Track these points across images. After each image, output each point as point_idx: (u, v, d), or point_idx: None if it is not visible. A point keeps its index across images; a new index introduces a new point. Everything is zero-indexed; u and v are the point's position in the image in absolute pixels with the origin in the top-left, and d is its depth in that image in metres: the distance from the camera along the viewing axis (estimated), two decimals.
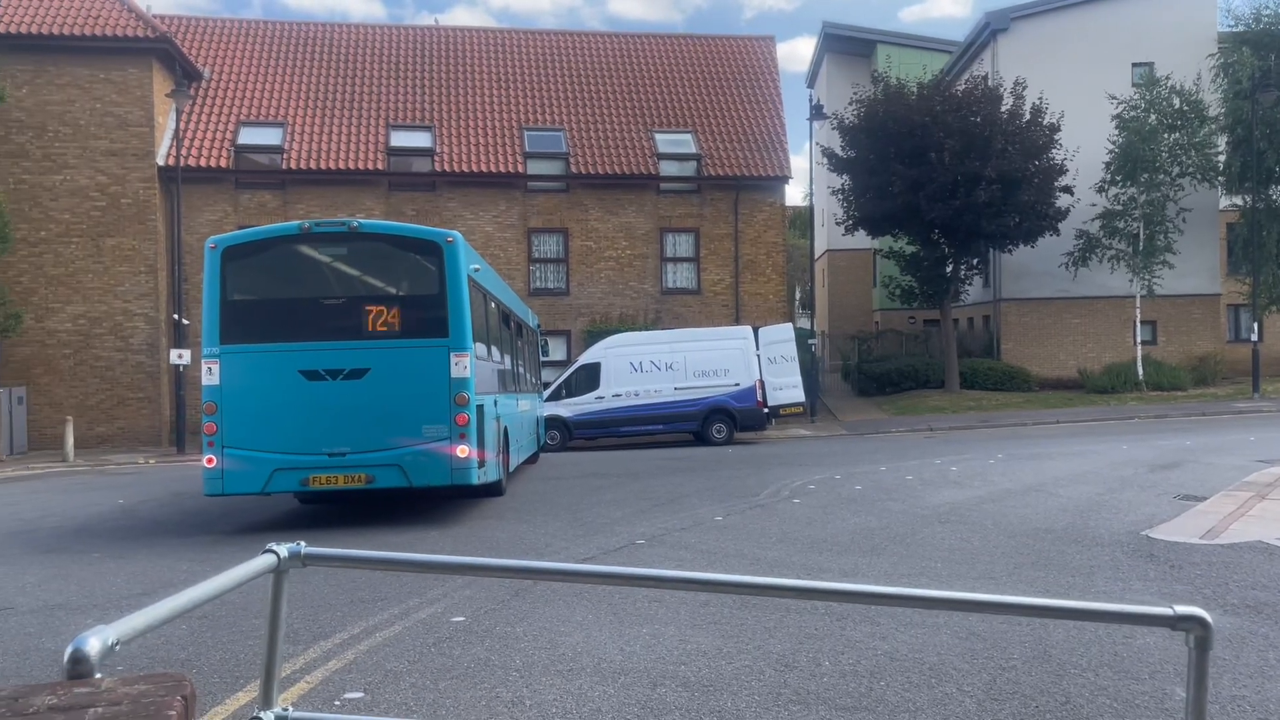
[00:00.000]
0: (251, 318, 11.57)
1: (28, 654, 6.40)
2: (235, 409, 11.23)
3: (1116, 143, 30.39)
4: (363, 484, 11.31)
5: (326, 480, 11.29)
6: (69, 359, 26.33)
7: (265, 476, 11.21)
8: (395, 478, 11.28)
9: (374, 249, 12.13)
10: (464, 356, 11.39)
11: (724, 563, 8.76)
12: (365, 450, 11.21)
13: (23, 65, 25.95)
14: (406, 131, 30.45)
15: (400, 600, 7.32)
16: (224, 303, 11.47)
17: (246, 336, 11.39)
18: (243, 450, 11.19)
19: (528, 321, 19.74)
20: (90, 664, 1.94)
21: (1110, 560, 8.43)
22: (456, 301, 11.50)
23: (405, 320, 11.71)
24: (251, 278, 11.86)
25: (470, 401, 11.35)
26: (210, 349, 11.37)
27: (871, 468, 16.42)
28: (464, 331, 11.46)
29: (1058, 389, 32.17)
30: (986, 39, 34.23)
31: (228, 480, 11.23)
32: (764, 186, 31.23)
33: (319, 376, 11.26)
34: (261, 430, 11.19)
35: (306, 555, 2.65)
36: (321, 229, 11.86)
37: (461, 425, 11.26)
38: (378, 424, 11.18)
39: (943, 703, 4.93)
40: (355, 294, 11.99)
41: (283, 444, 11.20)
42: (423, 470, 11.27)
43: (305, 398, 11.23)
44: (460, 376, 11.33)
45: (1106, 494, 12.38)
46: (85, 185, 26.51)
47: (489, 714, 4.91)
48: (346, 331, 11.53)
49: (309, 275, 12.08)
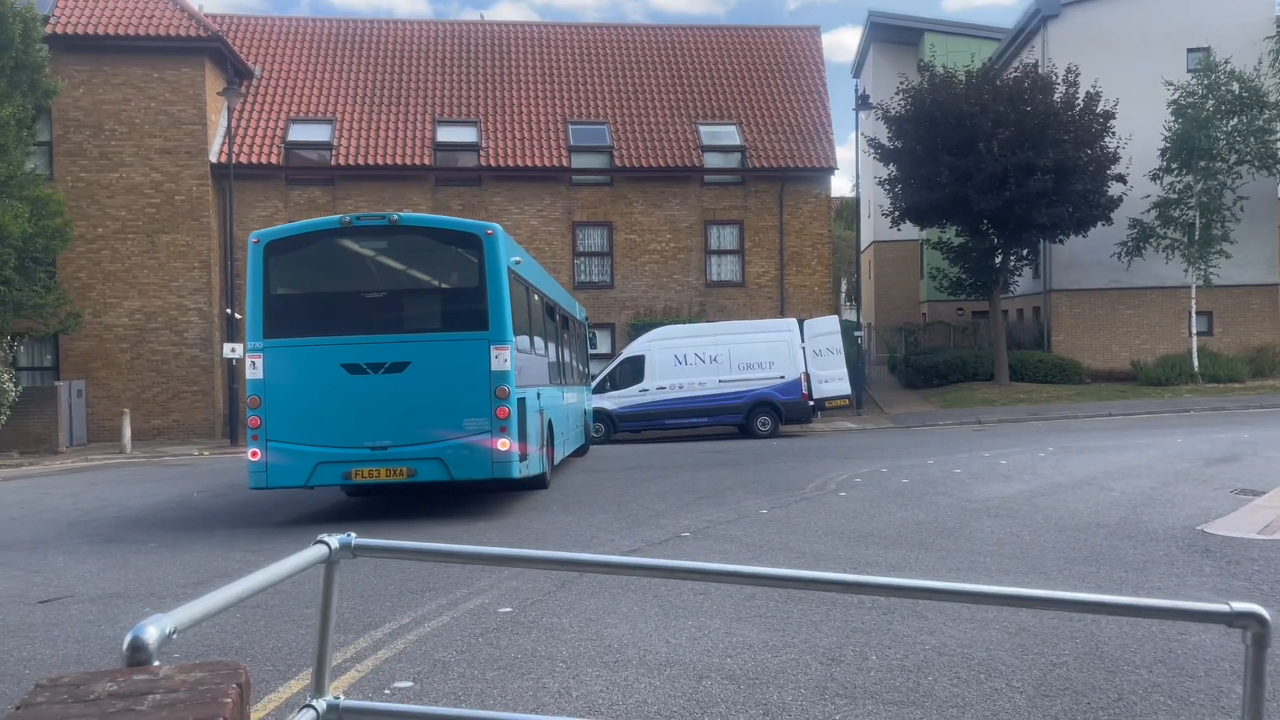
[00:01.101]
0: (294, 311, 11.59)
1: (87, 640, 6.56)
2: (279, 403, 11.26)
3: (1172, 130, 29.74)
4: (404, 477, 11.32)
5: (369, 474, 11.30)
6: (126, 353, 26.90)
7: (309, 470, 11.24)
8: (436, 471, 11.28)
9: (414, 242, 12.12)
10: (504, 349, 11.34)
11: (769, 556, 8.74)
12: (407, 444, 11.21)
13: (80, 65, 26.51)
14: (453, 127, 30.66)
15: (448, 591, 7.39)
16: (267, 297, 11.52)
17: (289, 330, 11.41)
18: (286, 444, 11.23)
19: (574, 314, 19.65)
20: (149, 652, 1.99)
21: (1165, 555, 8.27)
22: (496, 294, 11.46)
23: (445, 313, 11.77)
24: (294, 272, 11.89)
25: (511, 395, 11.29)
26: (254, 343, 11.42)
27: (919, 461, 16.26)
28: (504, 324, 11.42)
29: (1110, 381, 31.60)
30: (1036, 26, 33.64)
31: (272, 474, 11.30)
32: (809, 178, 31.00)
33: (360, 370, 11.25)
34: (304, 424, 11.23)
35: (357, 546, 2.68)
36: (362, 222, 11.88)
37: (502, 418, 11.21)
38: (419, 417, 11.17)
39: (992, 698, 4.88)
40: (396, 287, 12.04)
41: (325, 437, 11.22)
42: (464, 463, 11.25)
43: (347, 391, 11.24)
44: (500, 370, 11.27)
45: (1161, 488, 12.15)
46: (140, 183, 27.04)
47: (536, 704, 4.94)
48: (388, 325, 11.54)
49: (350, 269, 12.10)
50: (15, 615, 7.34)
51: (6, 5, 22.00)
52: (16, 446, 23.44)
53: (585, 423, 20.05)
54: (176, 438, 26.54)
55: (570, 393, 17.52)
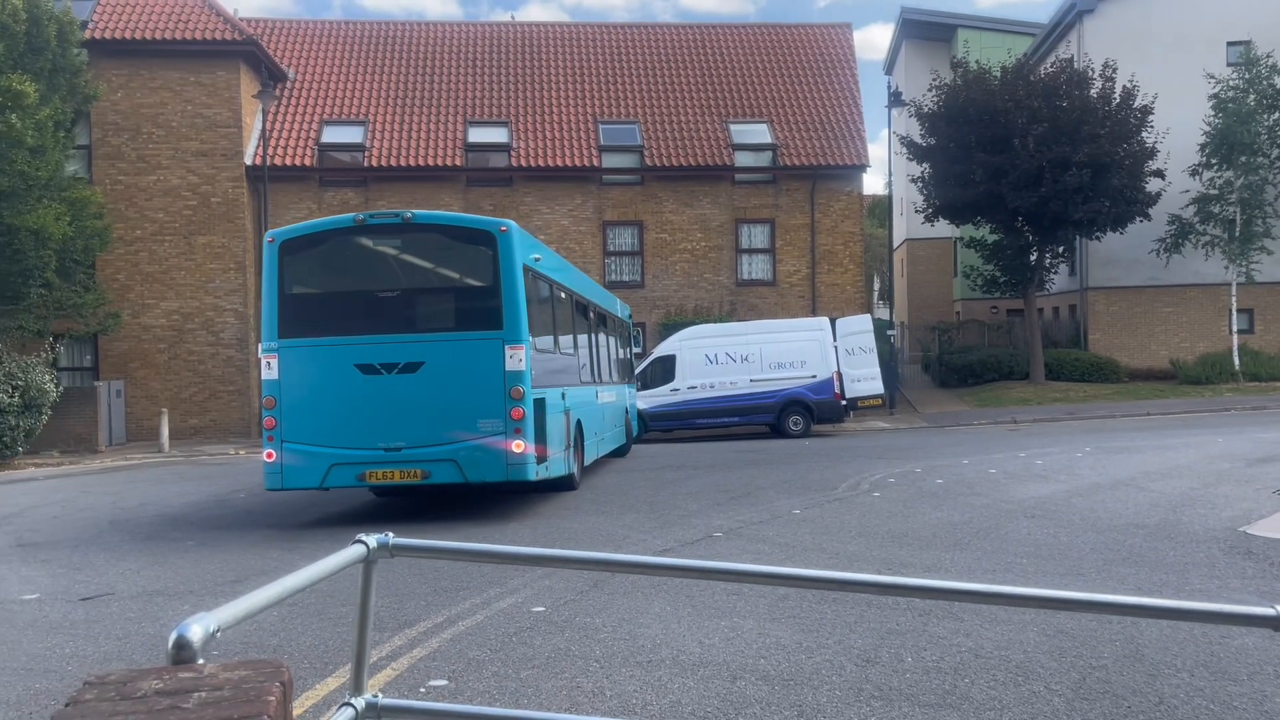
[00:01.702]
0: (308, 311, 11.48)
1: (129, 638, 6.66)
2: (293, 403, 11.16)
3: (1212, 124, 29.28)
4: (418, 479, 11.16)
5: (383, 475, 11.16)
6: (163, 353, 27.27)
7: (323, 471, 11.11)
8: (451, 473, 11.09)
9: (428, 240, 11.94)
10: (519, 349, 11.11)
11: (802, 556, 8.70)
12: (420, 445, 11.04)
13: (118, 70, 26.90)
14: (484, 127, 30.80)
15: (481, 590, 7.43)
16: (281, 296, 11.39)
17: (304, 330, 11.30)
18: (301, 445, 11.12)
19: (614, 311, 19.32)
20: (193, 650, 2.01)
21: (1206, 557, 8.15)
22: (511, 292, 11.22)
23: (459, 312, 11.57)
24: (308, 271, 11.76)
25: (526, 395, 11.07)
26: (269, 343, 11.30)
27: (953, 461, 16.13)
28: (519, 323, 11.19)
29: (1148, 380, 31.18)
30: (1072, 20, 33.25)
31: (287, 475, 11.19)
32: (841, 176, 30.84)
33: (374, 370, 11.10)
34: (319, 425, 11.11)
35: (394, 546, 2.71)
36: (376, 220, 11.73)
37: (517, 420, 10.99)
38: (433, 418, 11.00)
39: (1030, 701, 4.83)
40: (410, 286, 11.86)
41: (340, 439, 11.09)
42: (478, 465, 11.04)
43: (361, 392, 11.09)
44: (515, 370, 11.05)
45: (1201, 489, 11.97)
46: (177, 185, 27.40)
47: (571, 704, 4.95)
48: (401, 324, 11.37)
49: (365, 268, 11.93)
50: (58, 612, 7.46)
51: (42, 8, 22.36)
52: (57, 445, 23.84)
53: (627, 421, 19.67)
54: (213, 437, 26.87)
55: (606, 391, 17.21)
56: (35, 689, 5.57)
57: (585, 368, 15.56)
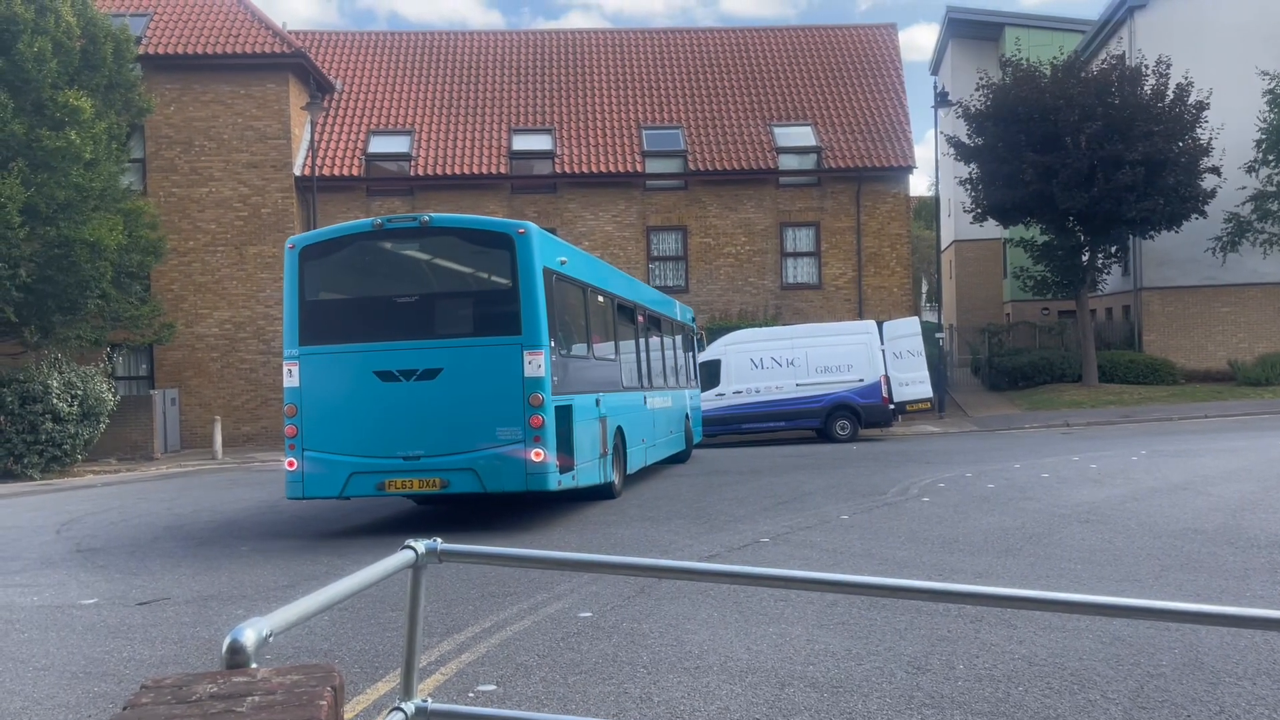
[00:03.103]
0: (329, 318, 11.38)
1: (184, 642, 6.77)
2: (314, 411, 11.03)
3: (1268, 120, 28.59)
4: (437, 488, 11.00)
5: (402, 484, 10.99)
6: (216, 362, 27.77)
7: (343, 480, 10.95)
8: (470, 482, 10.84)
9: (447, 244, 11.72)
10: (538, 354, 10.78)
11: (851, 562, 8.62)
12: (439, 454, 10.80)
13: (170, 84, 27.48)
14: (528, 135, 31.00)
15: (529, 595, 7.45)
16: (302, 303, 11.28)
17: (324, 337, 11.19)
18: (321, 453, 10.99)
19: (669, 315, 19.00)
20: (247, 654, 2.04)
21: (1267, 563, 7.95)
22: (530, 296, 10.90)
23: (478, 317, 11.31)
24: (328, 277, 11.66)
25: (546, 402, 10.75)
26: (290, 350, 11.21)
27: (1005, 465, 15.90)
28: (538, 328, 10.86)
29: (1205, 382, 30.48)
30: (1123, 16, 32.68)
31: (308, 484, 11.06)
32: (887, 177, 30.58)
33: (393, 377, 10.90)
34: (339, 433, 10.97)
35: (443, 551, 2.72)
36: (394, 225, 11.59)
37: (536, 427, 10.66)
38: (451, 426, 10.77)
39: (1086, 710, 4.73)
40: (429, 291, 11.62)
41: (359, 447, 10.93)
42: (496, 475, 10.76)
43: (380, 399, 10.91)
44: (534, 376, 10.74)
45: (1262, 492, 11.67)
46: (229, 196, 27.90)
47: (618, 709, 4.95)
48: (420, 330, 11.16)
49: (384, 273, 11.79)
50: (116, 617, 7.61)
51: (100, 27, 22.92)
52: (115, 453, 24.37)
53: (687, 427, 19.25)
54: (265, 444, 27.29)
55: (658, 397, 16.84)
56: (94, 692, 5.68)
57: (630, 373, 15.36)
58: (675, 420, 18.42)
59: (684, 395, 19.58)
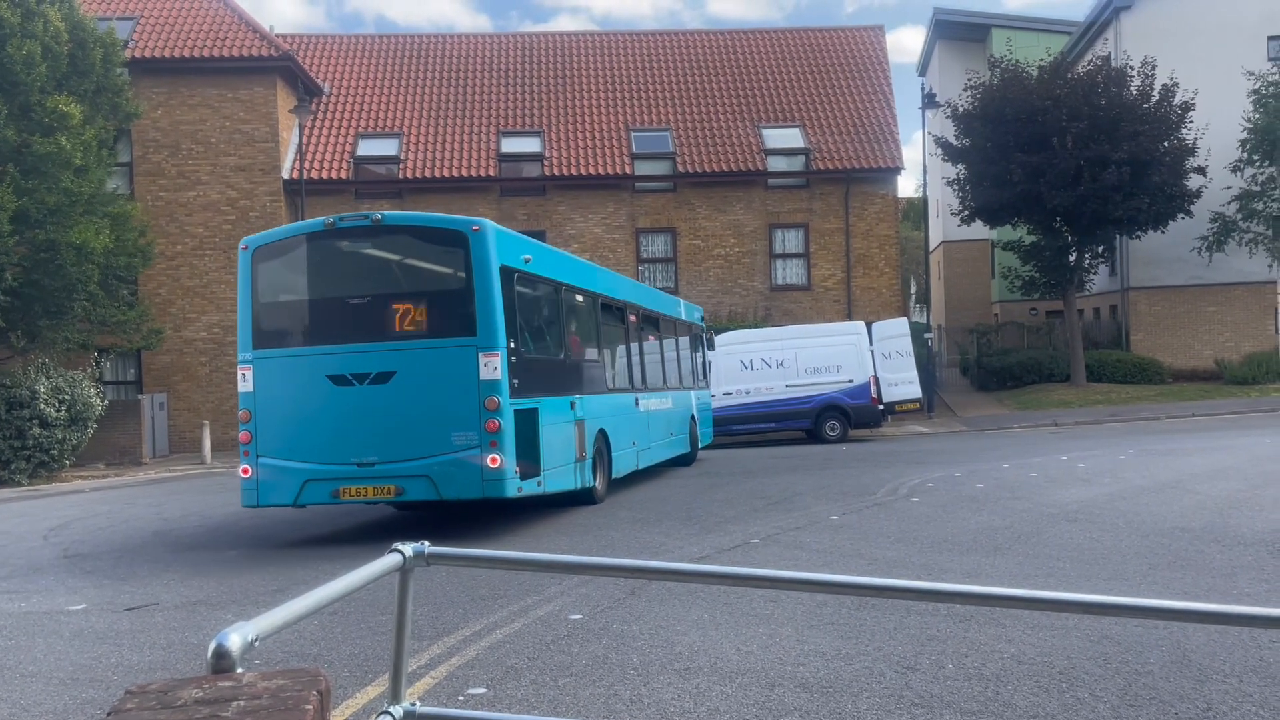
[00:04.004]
0: (282, 321, 11.16)
1: (172, 647, 6.74)
2: (268, 417, 10.76)
3: (1253, 120, 28.77)
4: (391, 496, 10.71)
5: (356, 492, 10.64)
6: (205, 366, 27.67)
7: (297, 488, 10.66)
8: (425, 489, 10.52)
9: (399, 243, 11.37)
10: (493, 356, 10.40)
11: (841, 562, 8.64)
12: (393, 460, 10.46)
13: (158, 88, 27.37)
14: (516, 137, 30.98)
15: (519, 598, 7.45)
16: (255, 305, 11.04)
17: (277, 340, 10.96)
18: (275, 460, 10.70)
19: (671, 314, 18.64)
20: (232, 659, 2.03)
21: (1254, 560, 7.99)
22: (485, 296, 10.52)
23: (432, 318, 10.89)
24: (281, 278, 11.38)
25: (503, 406, 10.36)
26: (244, 354, 10.97)
27: (993, 465, 15.95)
28: (494, 329, 10.48)
29: (1193, 381, 30.65)
30: (1109, 17, 32.86)
31: (262, 491, 10.80)
32: (875, 179, 30.67)
33: (346, 381, 10.58)
34: (293, 439, 10.68)
35: (430, 554, 2.71)
36: (346, 224, 11.21)
37: (492, 432, 10.27)
38: (406, 432, 10.42)
39: (1074, 708, 4.75)
40: (382, 292, 11.22)
41: (313, 453, 10.63)
42: (452, 481, 10.40)
43: (333, 404, 10.60)
44: (490, 379, 10.35)
45: (1248, 491, 11.74)
46: (216, 200, 27.81)
47: (608, 712, 4.95)
48: (373, 332, 10.83)
49: (336, 274, 11.43)
50: (103, 622, 7.58)
51: (88, 31, 22.82)
52: (103, 458, 24.25)
53: (692, 429, 18.88)
54: None
55: (654, 398, 16.46)
56: (81, 698, 5.65)
57: (619, 374, 15.16)
58: (677, 422, 18.06)
59: (689, 396, 19.18)
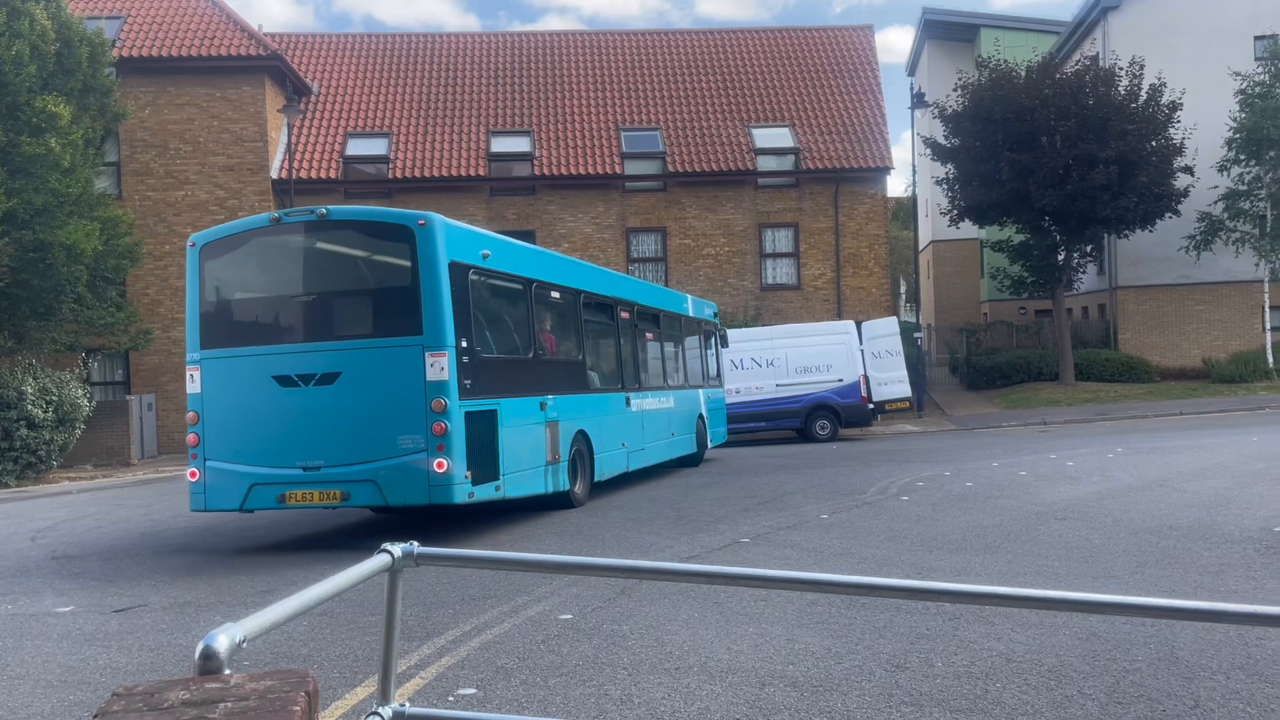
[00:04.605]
0: (229, 320, 10.85)
1: (161, 649, 6.72)
2: (215, 419, 10.49)
3: (1239, 120, 28.93)
4: (337, 501, 10.30)
5: (302, 497, 10.29)
6: None
7: (243, 492, 10.36)
8: (371, 495, 10.18)
9: (345, 238, 11.00)
10: (440, 356, 10.02)
11: (831, 561, 8.65)
12: (339, 464, 10.13)
13: (145, 87, 27.26)
14: (506, 137, 30.95)
15: (509, 598, 7.44)
16: (203, 304, 10.77)
17: (224, 340, 10.66)
18: (222, 464, 10.43)
19: (674, 310, 18.19)
20: (220, 660, 2.03)
21: (1241, 558, 8.03)
22: (433, 293, 10.12)
23: (378, 317, 10.63)
24: (229, 276, 11.09)
25: (449, 408, 9.97)
26: (191, 355, 10.69)
27: (983, 463, 16.00)
28: (441, 327, 10.09)
29: (1180, 379, 30.81)
30: (1097, 17, 33.00)
31: (209, 495, 10.51)
32: (865, 178, 30.74)
33: (292, 382, 10.26)
34: (240, 441, 10.39)
35: (419, 555, 2.71)
36: (292, 219, 10.84)
37: (439, 435, 9.90)
38: (351, 435, 10.09)
39: (1063, 705, 4.77)
40: (328, 289, 10.93)
41: (259, 457, 10.31)
42: (398, 487, 10.05)
43: (279, 406, 10.29)
44: (437, 380, 9.98)
45: (1236, 488, 11.80)
46: (205, 200, 27.70)
47: (599, 711, 4.95)
48: (319, 331, 10.57)
49: (283, 271, 11.07)
50: (91, 624, 7.54)
51: (75, 30, 22.71)
52: (91, 459, 24.13)
53: (698, 428, 18.48)
54: None
55: (650, 398, 16.07)
56: (69, 700, 5.63)
57: (605, 373, 14.81)
58: (681, 421, 17.68)
59: (695, 395, 18.78)
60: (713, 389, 20.09)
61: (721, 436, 20.42)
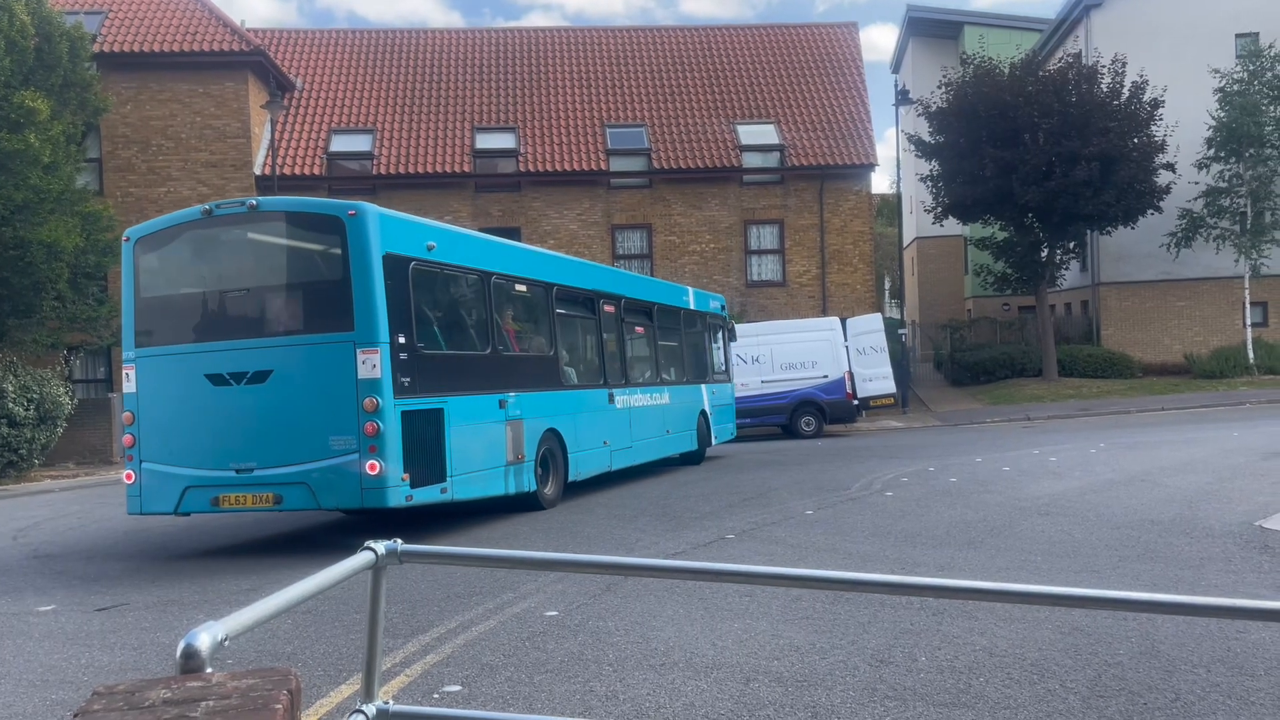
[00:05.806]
0: (163, 317, 10.54)
1: (144, 648, 6.68)
2: (150, 419, 10.21)
3: (1219, 117, 29.13)
4: (269, 504, 9.97)
5: (235, 500, 9.99)
6: None
7: (178, 495, 10.09)
8: (304, 498, 9.85)
9: (277, 230, 10.63)
10: (373, 353, 9.64)
11: (815, 557, 8.68)
12: (271, 466, 9.81)
13: (127, 83, 27.06)
14: (491, 133, 30.88)
15: (494, 595, 7.43)
16: (138, 301, 10.47)
17: (158, 338, 10.42)
18: (157, 465, 10.17)
19: (672, 303, 17.67)
20: (201, 659, 2.02)
21: (1222, 552, 8.10)
22: (364, 287, 9.72)
23: (310, 312, 10.26)
24: (162, 271, 10.81)
25: (382, 407, 9.58)
26: (127, 353, 10.43)
27: (967, 459, 16.07)
28: (374, 323, 9.69)
29: (1162, 375, 31.03)
30: (1079, 15, 33.16)
31: (145, 498, 10.24)
32: (849, 175, 30.81)
33: (224, 381, 9.96)
34: (174, 443, 10.12)
35: (403, 552, 2.70)
36: (223, 210, 10.47)
37: (371, 435, 9.53)
38: (283, 435, 9.77)
39: (1045, 699, 4.80)
40: (259, 284, 10.55)
41: (193, 459, 10.05)
42: (330, 490, 9.74)
43: (212, 406, 10.00)
44: (369, 378, 9.60)
45: (1216, 483, 11.89)
46: (188, 196, 27.50)
47: (584, 708, 4.95)
48: (251, 328, 10.25)
49: (216, 265, 10.77)
50: (73, 623, 7.50)
51: (54, 25, 22.52)
52: (73, 458, 23.96)
53: (699, 426, 18.06)
54: None
55: (638, 394, 15.64)
56: (51, 699, 5.59)
57: (583, 368, 14.35)
58: (678, 418, 17.25)
59: (697, 391, 18.32)
60: (718, 384, 19.58)
61: (730, 433, 19.98)
